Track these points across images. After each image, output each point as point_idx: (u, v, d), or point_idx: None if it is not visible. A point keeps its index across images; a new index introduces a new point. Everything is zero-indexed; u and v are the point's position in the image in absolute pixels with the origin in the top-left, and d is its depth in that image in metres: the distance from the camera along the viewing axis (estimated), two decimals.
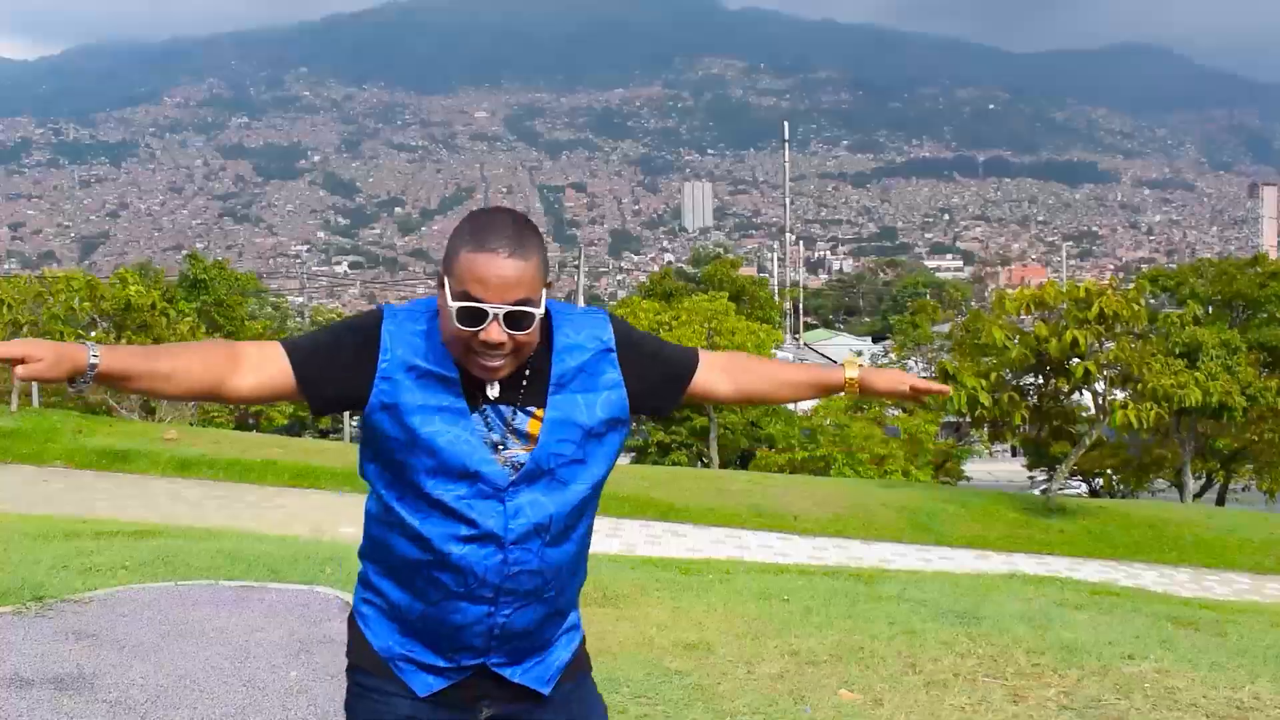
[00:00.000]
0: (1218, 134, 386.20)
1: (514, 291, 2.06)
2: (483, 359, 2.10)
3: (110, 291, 23.37)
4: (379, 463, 2.22)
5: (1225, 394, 21.67)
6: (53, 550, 7.89)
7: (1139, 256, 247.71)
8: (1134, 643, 6.32)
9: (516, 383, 2.18)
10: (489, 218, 2.13)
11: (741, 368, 2.52)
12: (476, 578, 2.17)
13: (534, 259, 2.09)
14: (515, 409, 2.18)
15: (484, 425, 2.17)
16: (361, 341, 2.16)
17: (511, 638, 2.25)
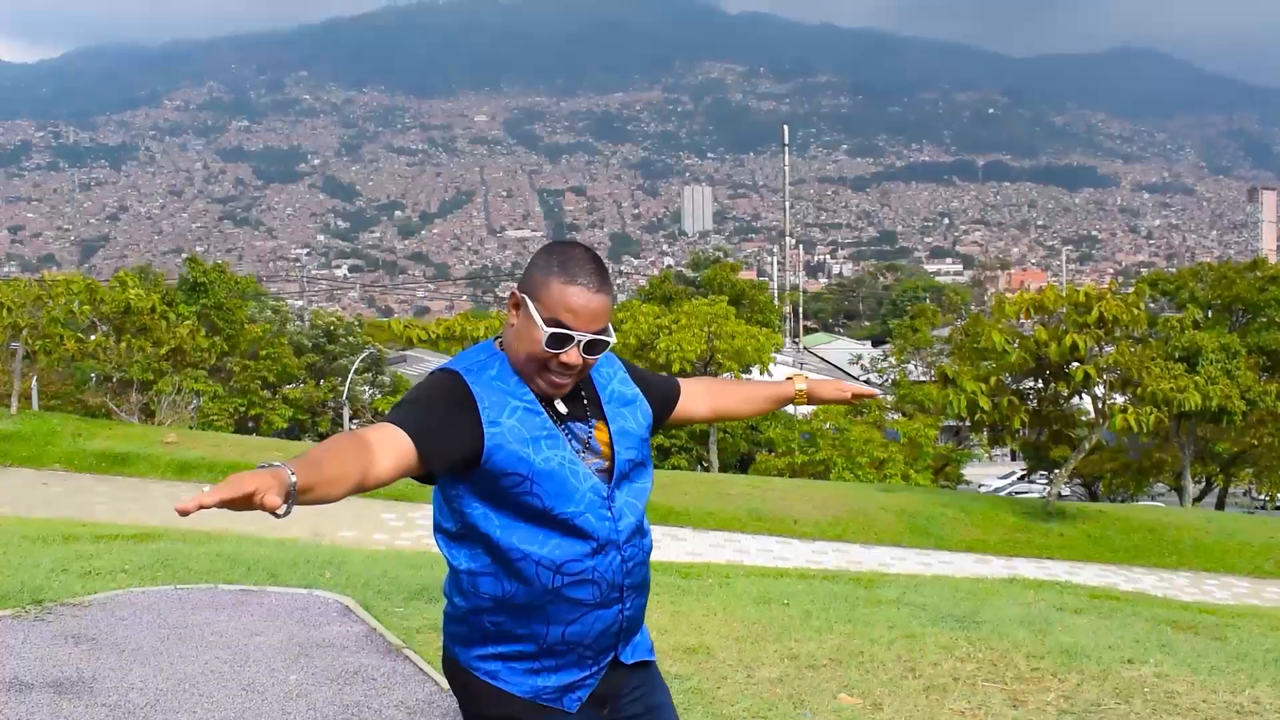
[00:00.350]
0: (1217, 138, 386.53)
1: (597, 322, 2.38)
2: (556, 377, 2.39)
3: (110, 294, 23.36)
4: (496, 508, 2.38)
5: (1225, 398, 21.68)
6: (52, 553, 7.88)
7: (1138, 261, 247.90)
8: (1134, 647, 6.31)
9: (579, 400, 2.50)
10: (575, 252, 2.44)
11: (714, 390, 2.95)
12: (609, 584, 2.43)
13: (609, 295, 2.42)
14: (584, 423, 2.47)
15: (571, 442, 2.43)
16: (454, 400, 2.36)
17: (633, 626, 2.54)
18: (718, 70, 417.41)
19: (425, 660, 5.42)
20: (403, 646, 5.63)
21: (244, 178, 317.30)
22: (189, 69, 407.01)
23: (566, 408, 2.45)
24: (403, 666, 5.31)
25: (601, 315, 2.39)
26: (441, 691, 4.95)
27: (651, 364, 27.32)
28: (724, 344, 27.34)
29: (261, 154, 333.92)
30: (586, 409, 2.49)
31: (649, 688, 2.63)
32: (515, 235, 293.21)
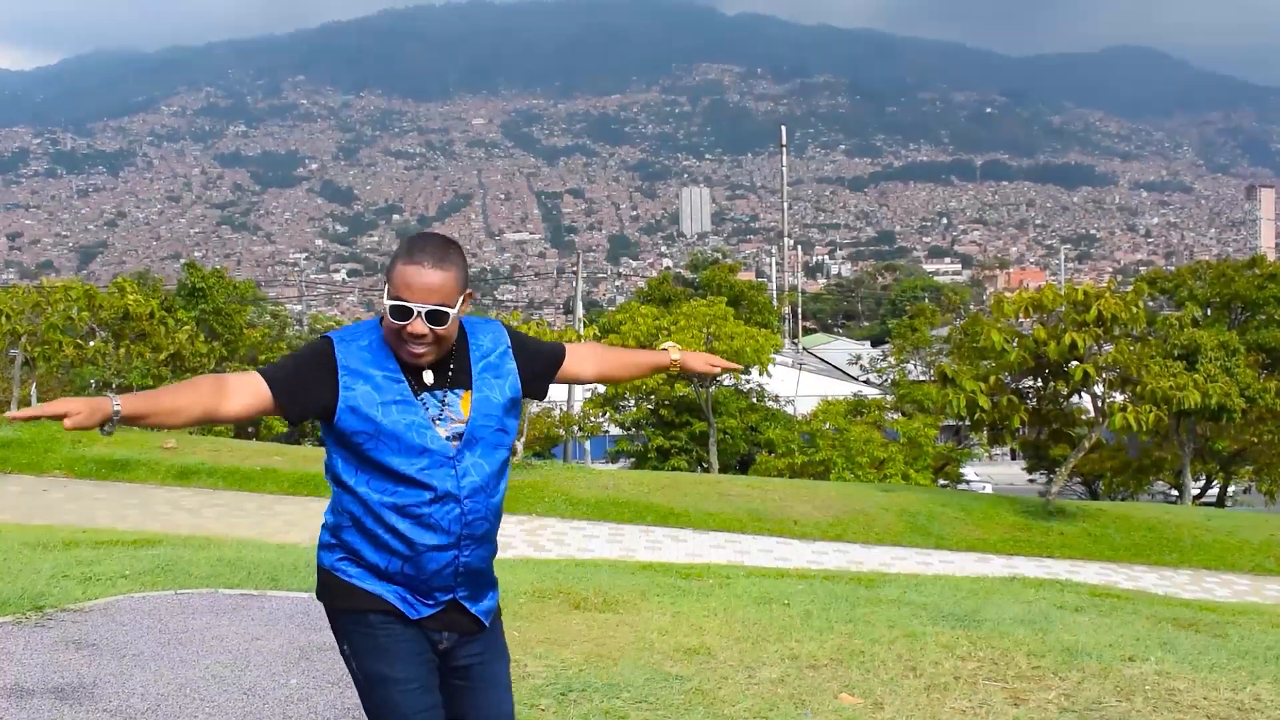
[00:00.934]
0: (1215, 136, 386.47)
1: (434, 295, 2.76)
2: (411, 346, 2.80)
3: (108, 300, 23.35)
4: (351, 456, 2.84)
5: (1224, 396, 21.67)
6: (52, 560, 7.88)
7: (1137, 259, 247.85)
8: (1134, 645, 6.31)
9: (444, 370, 2.89)
10: (421, 238, 2.86)
11: (599, 354, 3.34)
12: (444, 529, 2.83)
13: (452, 271, 2.80)
14: (446, 391, 2.88)
15: (425, 408, 2.84)
16: (319, 360, 2.83)
17: (473, 574, 2.92)
18: (715, 71, 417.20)
19: None
20: None
21: (242, 182, 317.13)
22: (186, 74, 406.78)
23: (433, 378, 2.87)
24: None
25: (439, 289, 2.76)
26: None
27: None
28: (723, 345, 27.31)
29: (259, 159, 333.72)
30: (450, 380, 2.89)
31: (491, 654, 3.03)
32: (514, 238, 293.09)
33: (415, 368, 2.85)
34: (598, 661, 5.56)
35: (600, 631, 6.25)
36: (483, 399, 2.91)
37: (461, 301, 2.83)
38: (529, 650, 5.75)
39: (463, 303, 2.84)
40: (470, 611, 2.95)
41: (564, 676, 5.25)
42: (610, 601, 7.13)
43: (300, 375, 2.81)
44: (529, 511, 16.18)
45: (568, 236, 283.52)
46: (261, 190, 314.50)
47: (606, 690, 5.06)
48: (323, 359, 2.82)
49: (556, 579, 8.02)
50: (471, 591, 2.94)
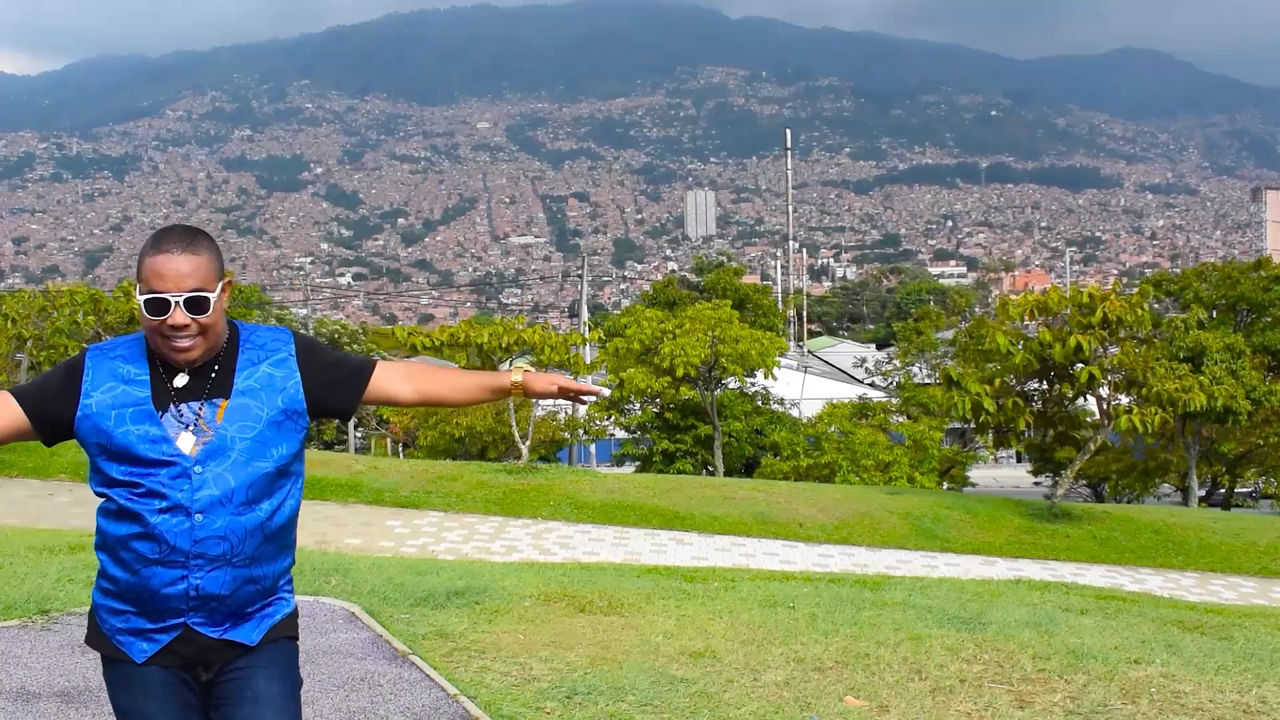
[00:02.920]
0: (1220, 139, 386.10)
1: (189, 281, 2.56)
2: (175, 342, 2.60)
3: (114, 305, 23.35)
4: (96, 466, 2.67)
5: (1230, 398, 21.62)
6: (58, 564, 7.90)
7: (1142, 261, 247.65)
8: (1140, 647, 6.31)
9: (205, 377, 2.67)
10: (165, 230, 2.65)
11: (420, 373, 2.95)
12: (169, 544, 2.57)
13: (204, 256, 2.62)
14: (203, 401, 2.65)
15: (175, 417, 2.63)
16: (67, 374, 2.67)
17: (208, 599, 2.63)
18: (720, 75, 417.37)
19: (431, 666, 5.42)
20: (408, 653, 5.64)
21: (247, 187, 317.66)
22: (191, 79, 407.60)
23: (187, 383, 2.66)
24: (408, 673, 5.32)
25: (191, 274, 2.56)
26: (448, 698, 4.96)
27: (655, 368, 27.28)
28: (728, 348, 27.29)
29: (264, 163, 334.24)
30: (209, 388, 2.66)
31: (253, 673, 2.72)
32: (519, 242, 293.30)
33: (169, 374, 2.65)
34: (603, 664, 5.56)
35: (605, 634, 6.25)
36: (240, 406, 2.66)
37: (221, 289, 2.64)
38: (534, 653, 5.76)
39: (222, 290, 2.65)
40: (211, 637, 2.67)
41: (569, 679, 5.26)
42: (615, 605, 7.14)
43: (45, 389, 2.66)
44: (534, 515, 16.18)
45: (572, 240, 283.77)
46: (267, 194, 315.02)
47: (612, 693, 5.07)
48: (70, 372, 2.67)
49: (562, 582, 8.03)
50: (211, 619, 2.66)
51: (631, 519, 16.20)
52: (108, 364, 2.66)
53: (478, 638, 6.06)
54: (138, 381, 2.64)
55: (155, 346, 2.63)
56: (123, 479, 2.59)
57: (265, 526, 2.66)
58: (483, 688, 5.12)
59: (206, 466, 2.59)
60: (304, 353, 2.79)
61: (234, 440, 2.62)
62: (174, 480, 2.57)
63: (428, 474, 17.92)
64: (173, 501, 2.56)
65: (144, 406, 2.61)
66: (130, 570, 2.62)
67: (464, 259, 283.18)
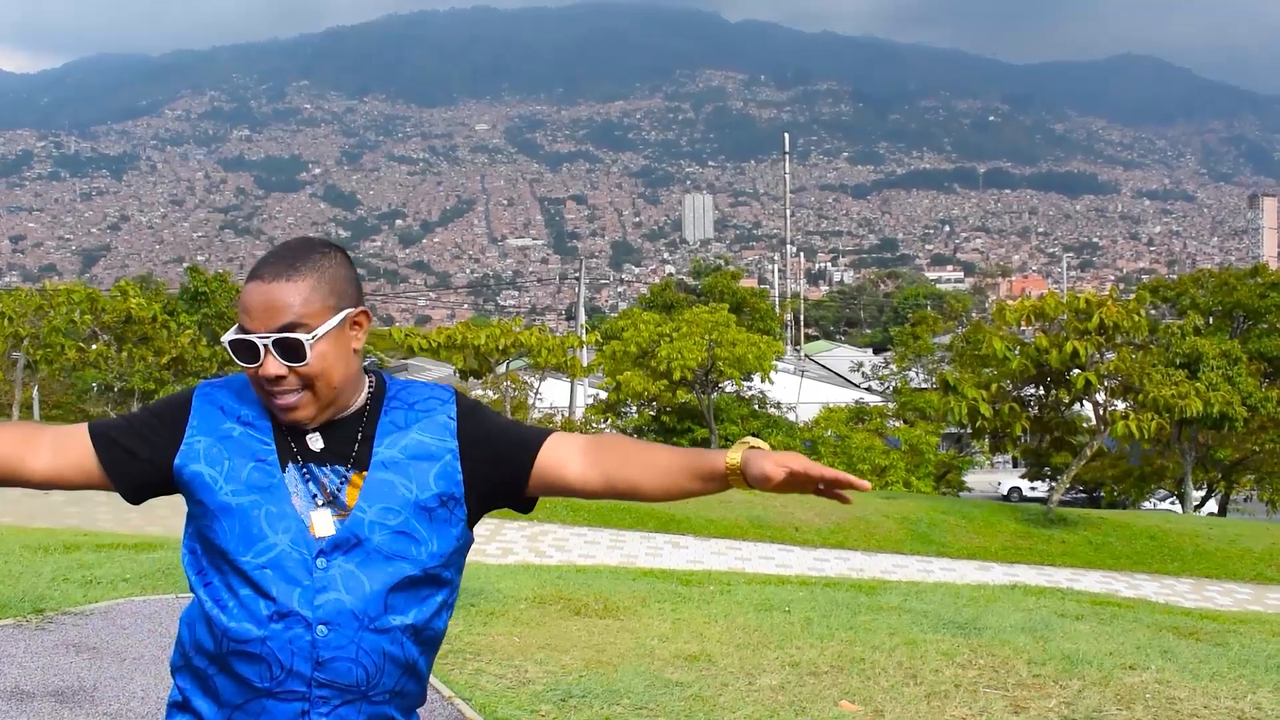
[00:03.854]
0: (1217, 145, 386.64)
1: (278, 317, 1.85)
2: (276, 399, 1.90)
3: (111, 304, 23.39)
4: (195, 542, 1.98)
5: (1226, 404, 21.62)
6: (53, 563, 7.89)
7: (1139, 267, 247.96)
8: (1135, 653, 6.31)
9: (348, 441, 1.96)
10: (279, 246, 1.97)
11: (605, 445, 2.08)
12: (282, 666, 1.86)
13: (304, 280, 1.87)
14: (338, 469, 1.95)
15: (300, 484, 1.93)
16: (170, 417, 1.98)
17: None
18: (718, 78, 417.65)
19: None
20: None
21: (245, 187, 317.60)
22: (190, 78, 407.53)
23: (323, 444, 1.95)
24: None
25: (284, 308, 1.85)
26: (443, 700, 4.96)
27: (652, 371, 27.30)
28: (725, 352, 27.32)
29: (262, 163, 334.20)
30: (353, 453, 1.95)
31: None
32: (516, 244, 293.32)
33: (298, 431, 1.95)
34: (598, 668, 5.56)
35: (601, 638, 6.25)
36: (382, 484, 1.93)
37: (338, 323, 1.89)
38: (529, 656, 5.75)
39: (342, 325, 1.91)
40: None
41: (564, 682, 5.25)
42: (611, 608, 7.13)
43: (139, 431, 1.97)
44: (530, 518, 16.19)
45: (570, 242, 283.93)
46: (265, 195, 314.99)
47: (606, 696, 5.06)
48: (176, 409, 1.98)
49: (557, 585, 8.02)
50: None
51: (627, 522, 16.20)
52: (220, 399, 1.99)
53: (473, 640, 6.06)
54: (260, 429, 1.95)
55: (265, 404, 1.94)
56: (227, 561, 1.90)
57: (413, 651, 1.95)
58: (478, 690, 5.12)
59: (335, 561, 1.89)
60: (466, 416, 2.02)
61: (369, 527, 1.90)
62: (289, 573, 1.87)
63: None
64: (286, 608, 1.85)
65: (267, 460, 1.93)
66: (229, 705, 1.91)
67: (462, 261, 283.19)
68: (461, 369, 21.09)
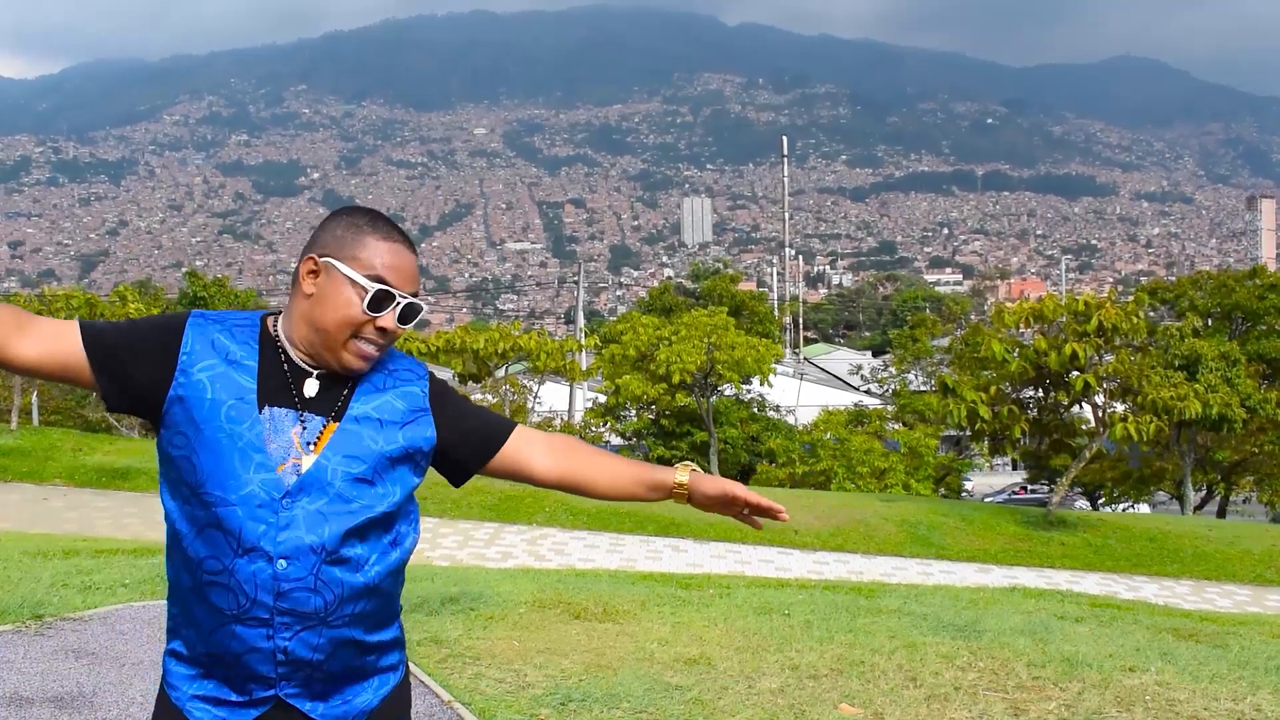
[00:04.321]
0: (1216, 147, 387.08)
1: (414, 285, 2.14)
2: (365, 346, 2.10)
3: (110, 309, 23.36)
4: (171, 473, 2.09)
5: (1225, 406, 21.65)
6: (52, 568, 7.89)
7: (1138, 269, 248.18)
8: (1135, 655, 6.31)
9: (336, 396, 2.12)
10: (377, 214, 2.17)
11: (566, 450, 2.36)
12: (247, 596, 2.01)
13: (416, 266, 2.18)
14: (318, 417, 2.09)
15: (275, 427, 2.06)
16: (163, 335, 2.08)
17: (300, 666, 2.08)
18: (716, 82, 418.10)
19: (425, 673, 5.41)
20: None
21: (243, 191, 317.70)
22: (188, 83, 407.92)
23: (315, 391, 2.11)
24: None
25: (416, 278, 2.15)
26: (442, 704, 4.95)
27: (651, 375, 27.30)
28: (724, 355, 27.31)
29: (261, 168, 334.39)
30: (336, 406, 2.12)
31: None
32: (515, 247, 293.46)
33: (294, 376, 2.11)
34: (597, 671, 5.56)
35: (600, 641, 6.25)
36: (351, 436, 2.09)
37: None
38: (529, 660, 5.75)
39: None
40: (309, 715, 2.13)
41: (564, 686, 5.25)
42: (610, 611, 7.13)
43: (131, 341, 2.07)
44: (529, 521, 16.18)
45: (569, 246, 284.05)
46: (263, 199, 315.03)
47: (606, 700, 5.06)
48: (167, 332, 2.08)
49: (557, 589, 8.02)
50: (306, 689, 2.11)
51: (627, 525, 16.20)
52: (211, 337, 2.09)
53: (472, 644, 6.06)
54: (244, 367, 2.07)
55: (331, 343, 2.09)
56: (201, 495, 2.03)
57: (374, 584, 2.12)
58: (477, 694, 5.12)
59: (300, 501, 2.03)
60: (439, 393, 2.26)
61: (333, 473, 2.06)
62: (257, 510, 2.01)
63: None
64: (250, 543, 2.01)
65: (247, 400, 2.05)
66: (204, 628, 2.07)
67: (460, 265, 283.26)
68: (461, 373, 21.09)
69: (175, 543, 2.08)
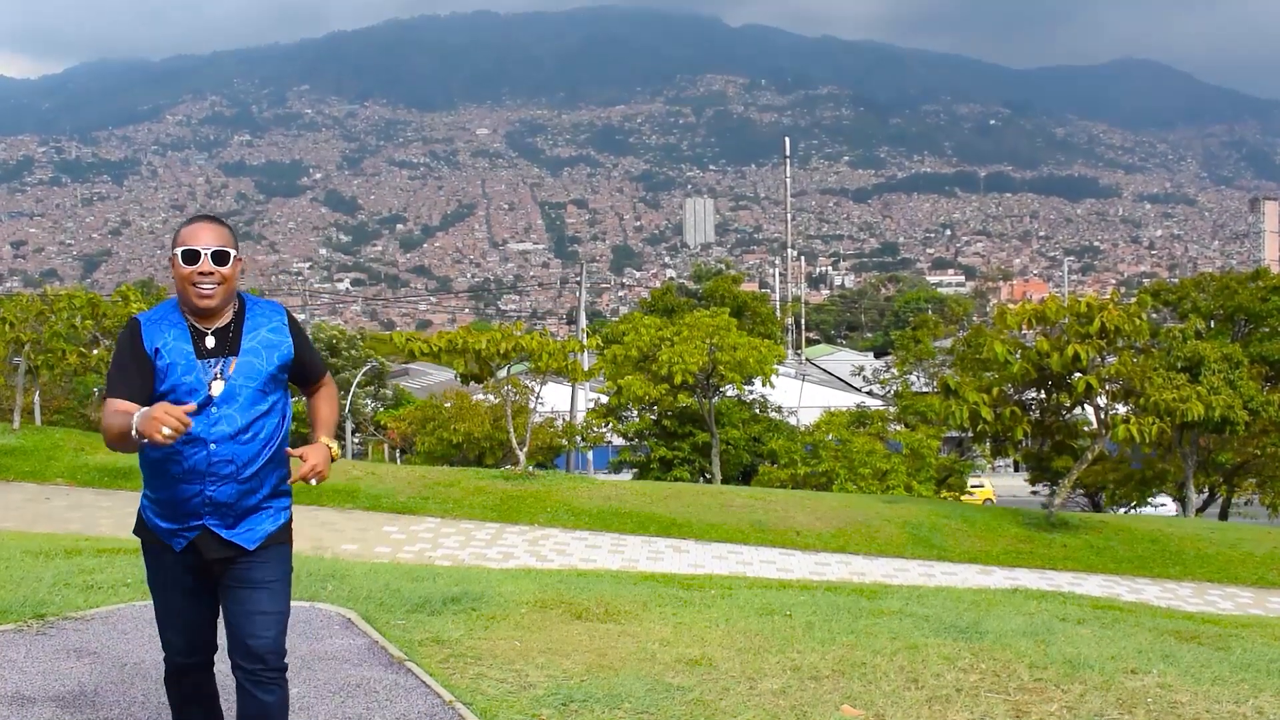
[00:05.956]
0: (1219, 149, 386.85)
1: (215, 240, 3.48)
2: (201, 287, 3.45)
3: (112, 309, 23.30)
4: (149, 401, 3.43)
5: (1227, 408, 21.61)
6: (54, 568, 7.89)
7: (1140, 271, 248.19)
8: (1137, 657, 6.30)
9: (225, 338, 3.52)
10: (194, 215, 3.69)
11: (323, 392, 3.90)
12: (191, 467, 3.47)
13: (225, 231, 3.53)
14: (224, 360, 3.50)
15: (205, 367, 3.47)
16: (135, 348, 3.47)
17: (219, 506, 3.53)
18: (719, 83, 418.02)
19: (427, 673, 5.41)
20: (404, 659, 5.63)
21: (246, 192, 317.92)
22: (191, 83, 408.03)
23: (214, 343, 3.50)
24: (404, 679, 5.31)
25: (218, 238, 3.48)
26: (443, 704, 4.95)
27: (653, 375, 27.29)
28: (726, 355, 27.26)
29: (263, 168, 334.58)
30: (228, 347, 3.51)
31: (254, 566, 3.61)
32: (517, 248, 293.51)
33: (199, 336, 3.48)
34: (599, 672, 5.56)
35: (602, 642, 6.24)
36: (246, 363, 3.51)
37: (234, 259, 3.49)
38: (530, 660, 5.75)
39: (236, 260, 3.50)
40: (223, 537, 3.55)
41: (565, 687, 5.25)
42: (612, 612, 7.13)
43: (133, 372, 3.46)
44: (531, 521, 16.17)
45: (571, 247, 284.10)
46: (266, 199, 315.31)
47: (608, 701, 5.06)
48: (134, 343, 3.47)
49: (558, 589, 8.02)
50: (224, 521, 3.55)
51: (629, 526, 16.18)
52: (157, 325, 3.50)
53: (474, 644, 6.05)
54: (183, 340, 3.48)
55: (185, 296, 3.48)
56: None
57: (264, 451, 3.56)
58: (478, 694, 5.11)
59: (222, 407, 3.46)
60: (294, 326, 3.67)
61: (240, 389, 3.49)
62: (198, 417, 3.39)
63: (425, 480, 17.90)
64: (194, 435, 3.40)
65: (189, 355, 3.46)
66: (163, 486, 3.53)
67: (462, 265, 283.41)
68: (462, 373, 21.03)
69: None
